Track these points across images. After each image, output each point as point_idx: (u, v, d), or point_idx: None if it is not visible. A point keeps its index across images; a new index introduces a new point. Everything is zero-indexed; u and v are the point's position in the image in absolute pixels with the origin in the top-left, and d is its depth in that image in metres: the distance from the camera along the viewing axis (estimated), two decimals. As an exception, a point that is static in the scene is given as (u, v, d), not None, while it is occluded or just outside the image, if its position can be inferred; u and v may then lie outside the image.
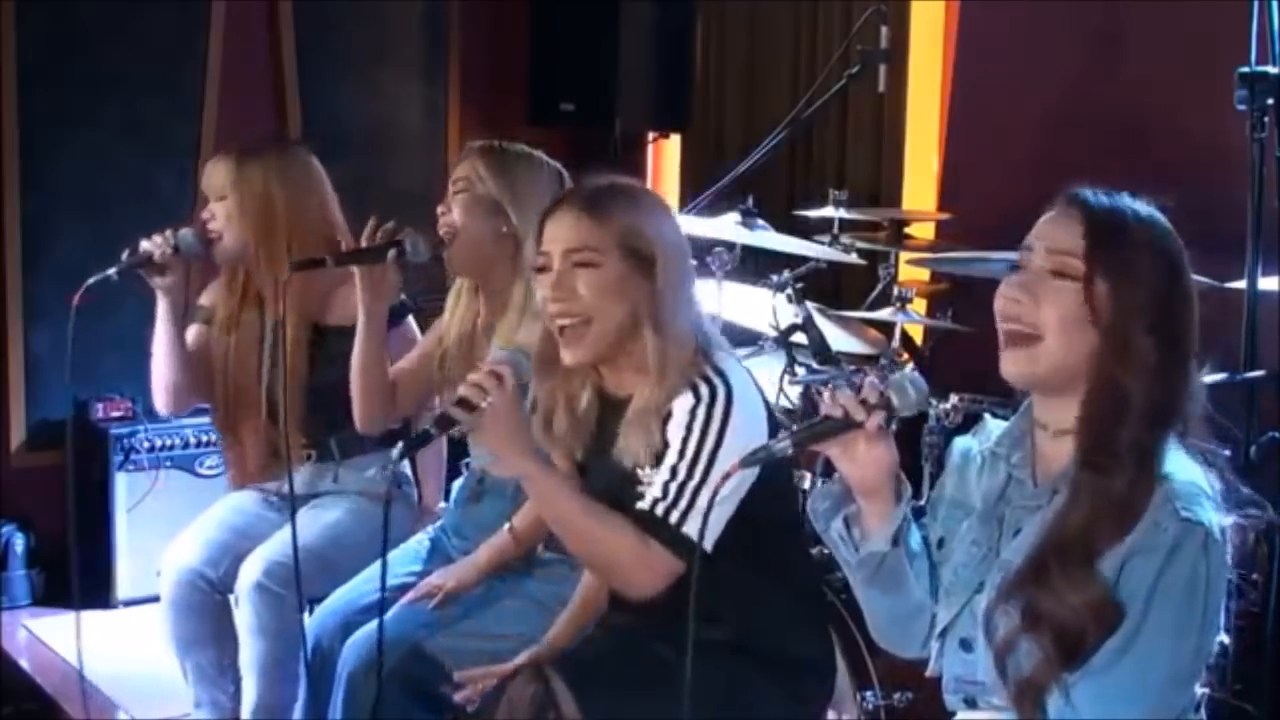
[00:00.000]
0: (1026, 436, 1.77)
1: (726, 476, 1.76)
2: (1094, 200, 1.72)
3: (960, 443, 1.89)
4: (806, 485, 2.83)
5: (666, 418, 2.11)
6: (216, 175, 2.95)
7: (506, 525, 2.58)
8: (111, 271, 2.82)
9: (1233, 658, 2.26)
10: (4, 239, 4.24)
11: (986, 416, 1.89)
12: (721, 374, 2.13)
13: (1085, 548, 1.61)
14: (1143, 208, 1.72)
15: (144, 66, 4.40)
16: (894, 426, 1.77)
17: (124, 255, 2.85)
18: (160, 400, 3.01)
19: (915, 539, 1.84)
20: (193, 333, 3.04)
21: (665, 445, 2.11)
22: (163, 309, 2.91)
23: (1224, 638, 1.66)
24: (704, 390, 2.10)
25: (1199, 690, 1.67)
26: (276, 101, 4.68)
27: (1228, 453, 2.50)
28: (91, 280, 2.80)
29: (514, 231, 2.61)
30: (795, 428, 1.77)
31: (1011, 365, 1.71)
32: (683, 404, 2.10)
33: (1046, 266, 1.70)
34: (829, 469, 2.64)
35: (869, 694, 2.69)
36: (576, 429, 2.24)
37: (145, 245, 2.85)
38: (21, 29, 4.19)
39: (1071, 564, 1.60)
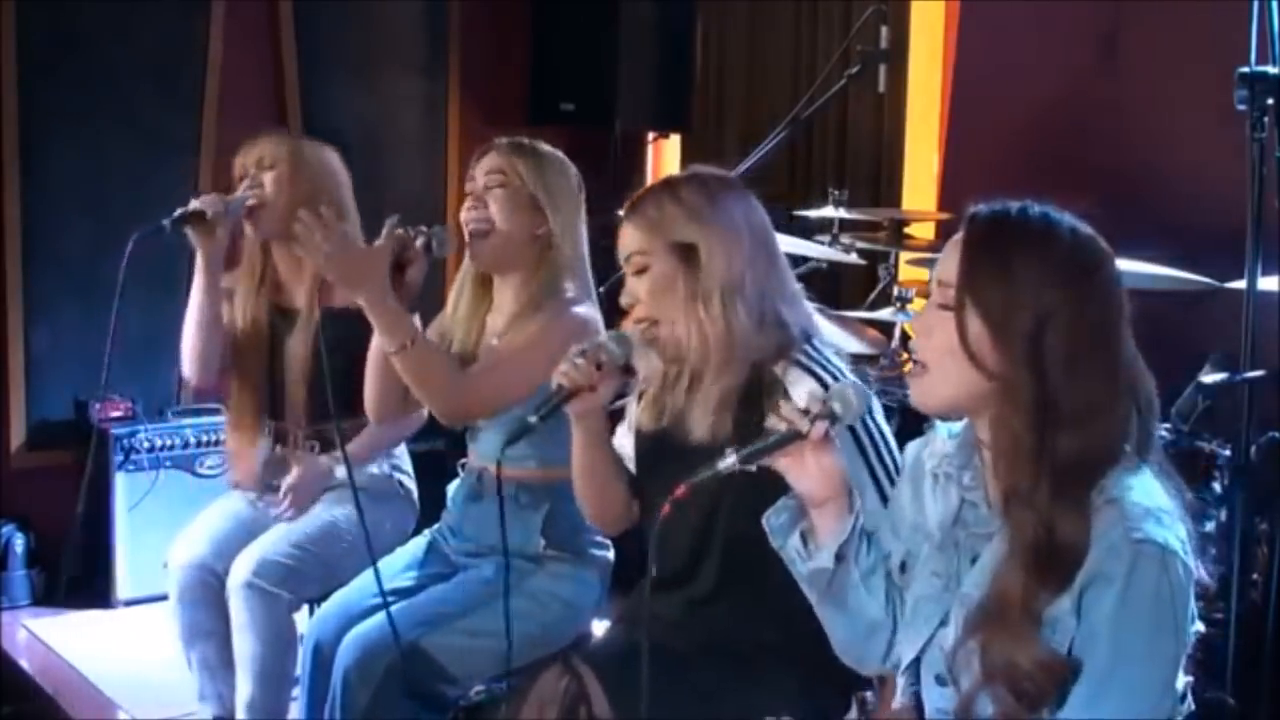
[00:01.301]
0: (974, 454, 1.72)
1: (673, 502, 1.73)
2: (976, 221, 1.64)
3: (911, 448, 1.85)
4: None
5: (786, 397, 2.12)
6: (265, 146, 2.97)
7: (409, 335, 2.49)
8: (165, 222, 2.83)
9: (1233, 658, 2.27)
10: (4, 238, 4.24)
11: (937, 423, 1.82)
12: (833, 363, 2.17)
13: (1024, 607, 1.56)
14: (1044, 220, 1.62)
15: (144, 66, 4.40)
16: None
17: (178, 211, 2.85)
18: (191, 370, 2.99)
19: (870, 555, 1.81)
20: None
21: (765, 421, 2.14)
22: (201, 276, 2.91)
23: (1199, 626, 1.63)
24: (826, 378, 2.13)
25: (1182, 681, 1.65)
26: (276, 101, 4.68)
27: (1228, 452, 2.51)
28: (144, 232, 2.82)
29: (549, 232, 2.61)
30: (739, 444, 1.76)
31: (912, 397, 1.70)
32: (809, 389, 2.10)
33: (936, 299, 1.66)
34: None
35: (869, 694, 2.69)
36: (666, 397, 2.28)
37: (196, 203, 2.86)
38: (21, 29, 4.19)
39: (1012, 625, 1.56)
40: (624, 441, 2.39)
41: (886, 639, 1.82)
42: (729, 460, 1.74)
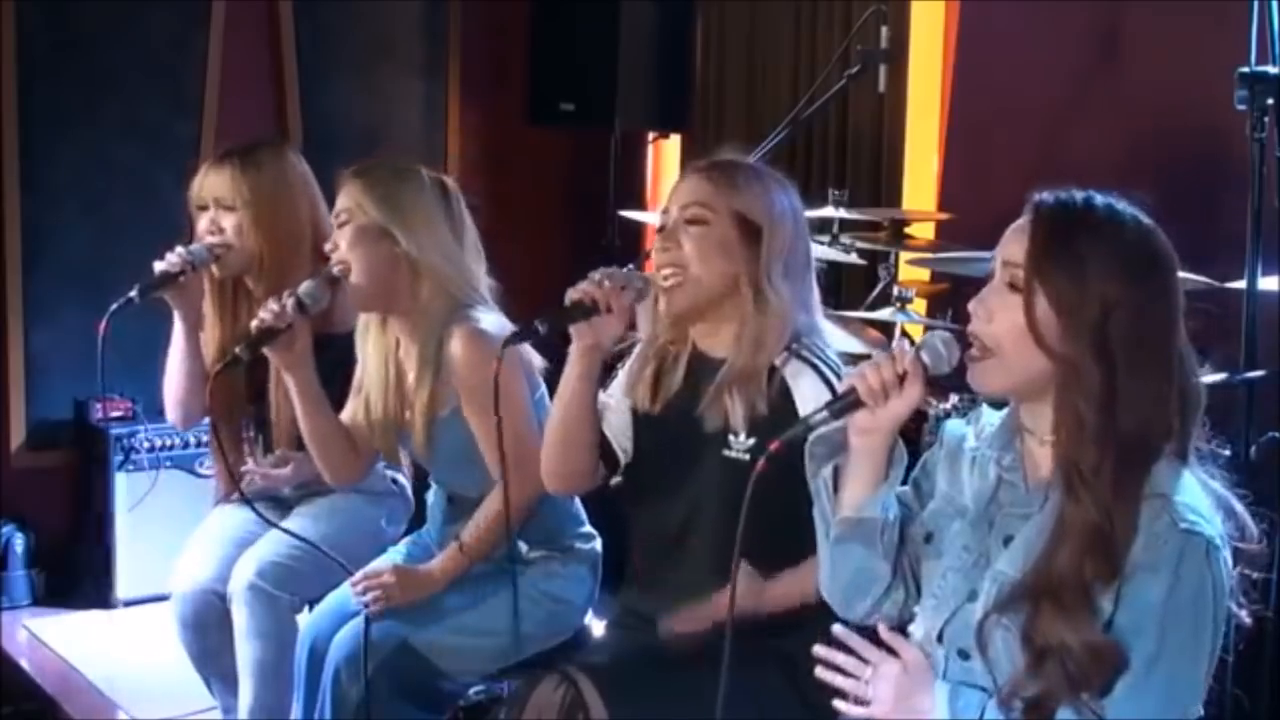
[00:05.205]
0: (1016, 438, 1.74)
1: (770, 456, 1.75)
2: (1045, 207, 1.66)
3: (954, 428, 1.86)
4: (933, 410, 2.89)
5: (784, 390, 2.17)
6: (220, 184, 2.88)
7: (456, 543, 2.57)
8: (133, 295, 2.79)
9: (1234, 657, 2.26)
10: (4, 239, 4.24)
11: (984, 406, 1.86)
12: (833, 359, 2.22)
13: (1078, 588, 1.57)
14: (1111, 211, 1.65)
15: (144, 66, 4.41)
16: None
17: (138, 284, 2.80)
18: (175, 415, 2.98)
19: (892, 510, 1.82)
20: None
21: (766, 414, 2.17)
22: (180, 325, 2.89)
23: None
24: (825, 370, 2.18)
25: None
26: (276, 101, 4.68)
27: (1228, 452, 2.51)
28: (115, 306, 2.78)
29: (405, 253, 2.53)
30: (829, 400, 1.80)
31: (971, 380, 1.71)
32: (811, 382, 2.16)
33: (1002, 279, 1.67)
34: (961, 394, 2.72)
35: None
36: (664, 382, 2.30)
37: (162, 266, 2.81)
38: (21, 29, 4.19)
39: (1065, 606, 1.57)
40: (608, 402, 2.37)
41: (882, 590, 1.83)
42: (820, 415, 1.77)
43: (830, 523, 1.83)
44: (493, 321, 2.55)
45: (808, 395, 2.16)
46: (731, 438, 2.20)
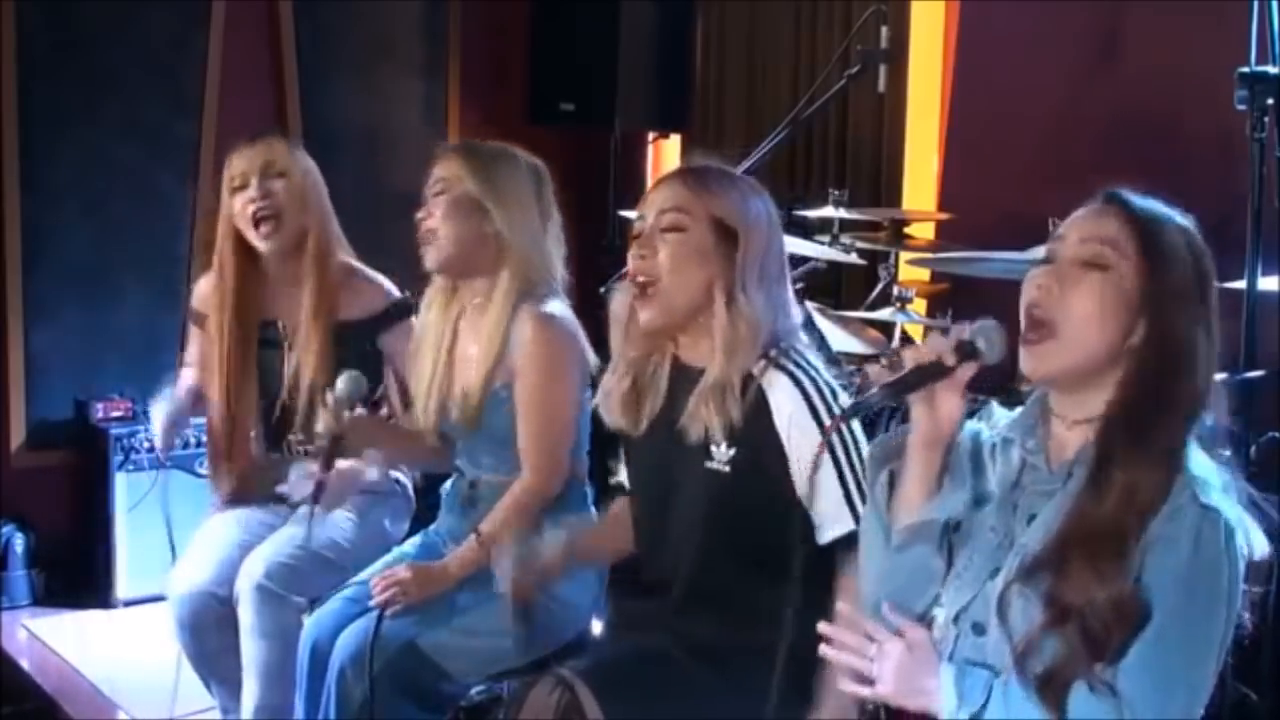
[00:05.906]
0: (1039, 424, 1.77)
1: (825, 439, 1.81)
2: (1124, 197, 1.73)
3: (968, 429, 1.87)
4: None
5: (761, 399, 2.15)
6: (268, 152, 2.90)
7: (474, 534, 2.58)
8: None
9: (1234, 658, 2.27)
10: (4, 239, 4.24)
11: (993, 403, 1.88)
12: (811, 363, 2.19)
13: (1116, 541, 1.60)
14: (1176, 214, 1.74)
15: (144, 66, 4.41)
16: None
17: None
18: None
19: (946, 512, 1.83)
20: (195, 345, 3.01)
21: (744, 424, 2.15)
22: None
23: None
24: (801, 377, 2.16)
25: None
26: (276, 101, 4.68)
27: (1227, 452, 2.51)
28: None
29: (496, 231, 2.59)
30: (888, 380, 1.79)
31: (1026, 364, 1.73)
32: (787, 390, 2.14)
33: (1080, 256, 1.70)
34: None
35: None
36: (647, 396, 2.30)
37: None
38: (21, 29, 4.19)
39: (1100, 558, 1.60)
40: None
41: (937, 590, 1.83)
42: (879, 394, 1.77)
43: (887, 528, 1.83)
44: (560, 309, 2.60)
45: (783, 404, 2.15)
46: (713, 449, 2.19)
